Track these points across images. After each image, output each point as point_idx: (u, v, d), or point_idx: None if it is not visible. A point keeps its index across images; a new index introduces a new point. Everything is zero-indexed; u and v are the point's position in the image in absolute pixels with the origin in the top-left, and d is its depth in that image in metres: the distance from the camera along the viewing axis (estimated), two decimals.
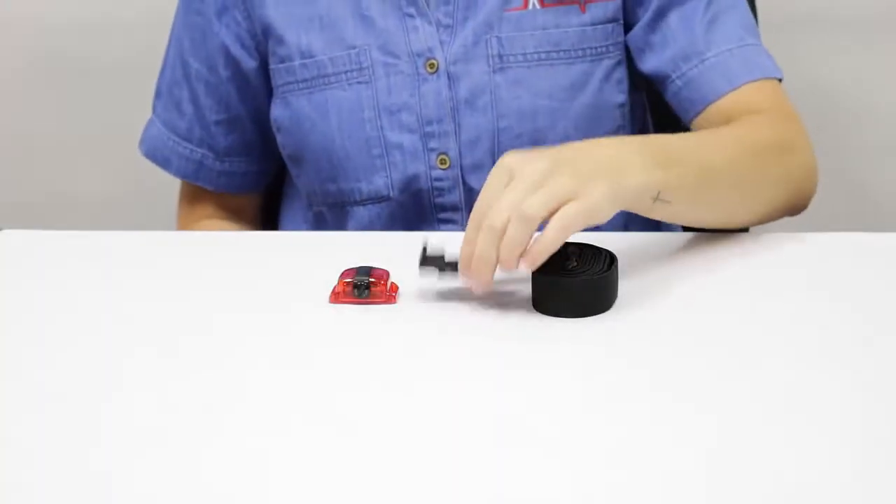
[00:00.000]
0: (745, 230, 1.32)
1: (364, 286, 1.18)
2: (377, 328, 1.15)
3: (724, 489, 0.92)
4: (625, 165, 1.16)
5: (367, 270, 1.19)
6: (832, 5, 1.93)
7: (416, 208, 1.43)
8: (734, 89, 1.38)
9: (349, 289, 1.18)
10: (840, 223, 1.40)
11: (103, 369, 1.10)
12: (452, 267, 1.16)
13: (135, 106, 1.64)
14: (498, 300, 1.18)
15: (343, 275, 1.19)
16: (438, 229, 1.43)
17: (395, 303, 1.18)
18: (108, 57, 2.03)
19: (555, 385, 1.06)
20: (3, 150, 2.08)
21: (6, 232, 1.37)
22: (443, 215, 1.43)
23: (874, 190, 1.96)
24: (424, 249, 1.18)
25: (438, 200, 1.43)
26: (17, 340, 1.15)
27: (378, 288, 1.18)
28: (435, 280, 1.17)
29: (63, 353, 1.12)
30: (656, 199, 1.19)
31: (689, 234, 1.32)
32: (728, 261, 1.26)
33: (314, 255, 1.30)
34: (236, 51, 1.46)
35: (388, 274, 1.19)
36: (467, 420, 1.01)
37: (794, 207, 1.34)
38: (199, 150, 1.50)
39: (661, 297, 1.19)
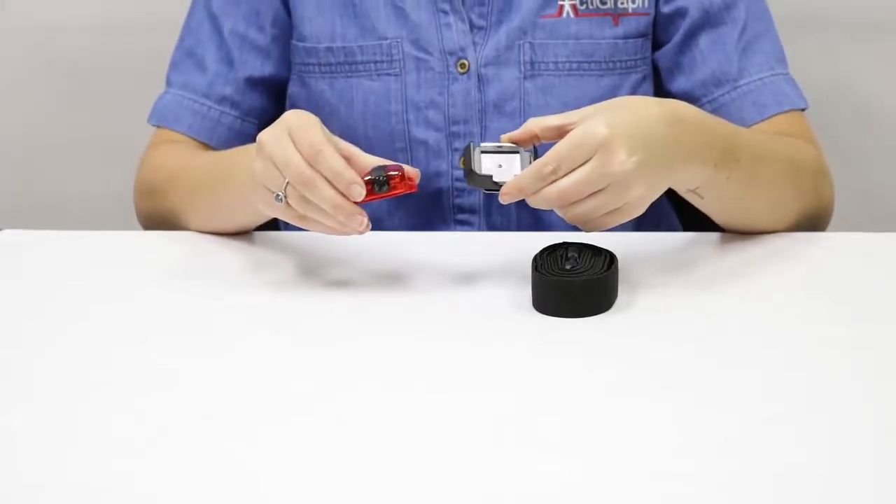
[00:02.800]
0: None
1: (382, 181, 1.16)
2: (377, 328, 1.15)
3: (724, 488, 0.92)
4: (683, 151, 1.18)
5: (380, 168, 1.16)
6: (832, 5, 1.93)
7: (435, 205, 1.43)
8: (764, 119, 1.39)
9: (370, 186, 1.15)
10: (840, 223, 1.40)
11: (103, 368, 1.10)
12: (497, 187, 1.15)
13: (135, 106, 1.64)
14: (498, 300, 1.18)
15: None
16: (455, 229, 1.43)
17: (416, 190, 1.17)
18: (108, 57, 2.03)
19: (555, 385, 1.06)
20: (3, 150, 2.08)
21: (6, 232, 1.37)
22: (460, 216, 1.43)
23: (874, 190, 1.96)
24: (469, 158, 1.16)
25: (458, 201, 1.42)
26: (17, 340, 1.15)
27: (395, 180, 1.16)
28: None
29: (63, 352, 1.12)
30: (692, 191, 1.22)
31: (689, 235, 1.33)
32: (728, 261, 1.26)
33: (314, 254, 1.30)
34: (282, 13, 1.44)
35: (401, 167, 1.17)
36: (467, 419, 1.01)
37: (813, 227, 1.36)
38: (217, 107, 1.45)
39: (661, 297, 1.19)
